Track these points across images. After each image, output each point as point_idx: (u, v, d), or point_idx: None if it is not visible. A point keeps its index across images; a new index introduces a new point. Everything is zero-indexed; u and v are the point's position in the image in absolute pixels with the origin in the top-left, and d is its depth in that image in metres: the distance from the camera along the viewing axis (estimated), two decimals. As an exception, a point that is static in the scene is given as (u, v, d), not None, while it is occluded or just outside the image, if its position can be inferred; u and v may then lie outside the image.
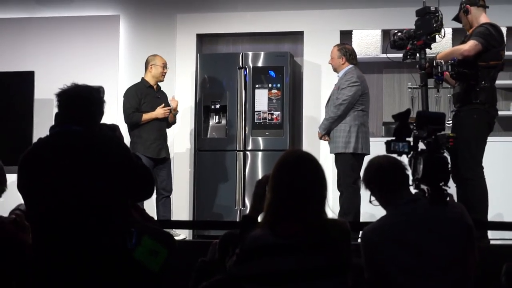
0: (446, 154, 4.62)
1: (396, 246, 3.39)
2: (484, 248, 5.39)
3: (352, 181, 6.71)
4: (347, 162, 6.79)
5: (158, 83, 7.58)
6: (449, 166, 4.57)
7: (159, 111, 7.41)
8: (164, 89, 7.71)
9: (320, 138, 7.11)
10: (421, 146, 4.58)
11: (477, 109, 5.86)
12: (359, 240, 3.53)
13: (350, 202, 6.63)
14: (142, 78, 7.55)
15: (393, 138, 4.51)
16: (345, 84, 6.91)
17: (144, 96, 7.41)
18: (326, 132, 6.96)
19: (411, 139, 4.45)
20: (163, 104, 7.46)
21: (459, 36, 6.81)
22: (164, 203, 7.39)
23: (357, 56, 8.27)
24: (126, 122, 7.36)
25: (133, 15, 8.95)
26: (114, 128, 3.94)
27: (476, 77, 5.82)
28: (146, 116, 7.34)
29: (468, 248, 3.49)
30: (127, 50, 8.88)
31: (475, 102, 5.86)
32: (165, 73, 7.59)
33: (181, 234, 7.40)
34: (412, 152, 4.71)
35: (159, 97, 7.57)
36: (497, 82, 7.90)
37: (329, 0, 8.57)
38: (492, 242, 5.90)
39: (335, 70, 7.18)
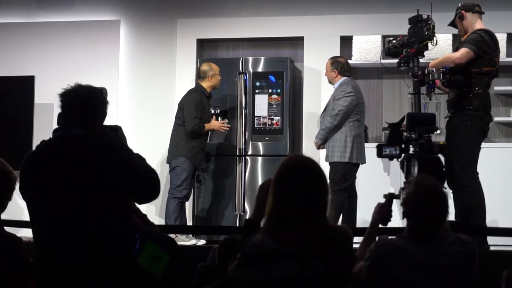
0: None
1: (409, 267, 3.39)
2: (484, 254, 5.40)
3: (340, 189, 6.94)
4: (340, 172, 6.93)
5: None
6: (443, 167, 4.60)
7: (216, 124, 7.69)
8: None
9: (318, 148, 7.35)
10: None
11: (470, 115, 5.88)
12: None
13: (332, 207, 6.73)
14: (201, 86, 7.66)
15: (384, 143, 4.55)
16: (340, 95, 7.13)
17: (205, 106, 7.59)
18: (323, 142, 7.19)
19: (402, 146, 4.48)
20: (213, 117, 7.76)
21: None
22: (181, 208, 7.52)
23: (358, 62, 8.32)
24: (190, 130, 7.43)
25: (133, 20, 8.95)
26: (116, 129, 3.92)
27: (469, 84, 5.84)
28: (206, 127, 7.55)
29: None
30: (128, 55, 8.88)
31: (468, 108, 5.88)
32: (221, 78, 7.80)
33: (201, 240, 7.48)
34: (403, 155, 4.74)
35: (209, 106, 7.78)
36: (497, 88, 7.98)
37: (330, 5, 8.58)
38: (491, 248, 5.90)
39: (330, 82, 7.44)
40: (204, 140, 7.66)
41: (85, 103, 3.59)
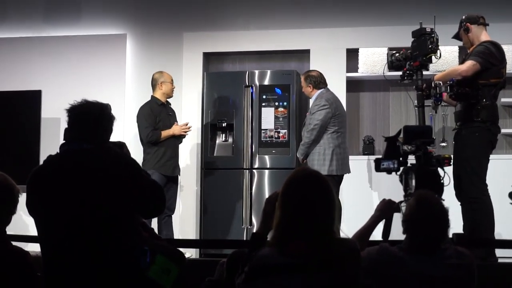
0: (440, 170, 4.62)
1: (408, 278, 3.39)
2: (492, 266, 5.38)
3: None
4: None
5: (168, 99, 7.65)
6: (441, 178, 4.58)
7: (176, 128, 7.51)
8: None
9: (302, 163, 7.36)
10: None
11: (478, 127, 5.87)
12: None
13: None
14: (153, 96, 7.57)
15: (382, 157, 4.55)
16: (315, 109, 7.19)
17: (159, 114, 7.46)
18: (304, 156, 7.23)
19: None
20: (176, 122, 7.58)
21: (465, 54, 6.82)
22: (166, 222, 7.39)
23: (364, 74, 8.33)
24: (145, 141, 7.35)
25: (139, 34, 8.97)
26: (121, 145, 3.94)
27: (476, 96, 5.83)
28: (164, 134, 7.40)
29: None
30: (134, 69, 8.90)
31: (476, 120, 5.86)
32: (174, 88, 7.67)
33: (187, 253, 7.38)
34: (402, 168, 4.73)
35: (171, 114, 7.65)
36: (503, 100, 7.96)
37: (336, 18, 8.59)
38: (500, 260, 5.88)
39: (308, 96, 7.54)
40: (172, 147, 7.47)
41: (92, 119, 3.61)
